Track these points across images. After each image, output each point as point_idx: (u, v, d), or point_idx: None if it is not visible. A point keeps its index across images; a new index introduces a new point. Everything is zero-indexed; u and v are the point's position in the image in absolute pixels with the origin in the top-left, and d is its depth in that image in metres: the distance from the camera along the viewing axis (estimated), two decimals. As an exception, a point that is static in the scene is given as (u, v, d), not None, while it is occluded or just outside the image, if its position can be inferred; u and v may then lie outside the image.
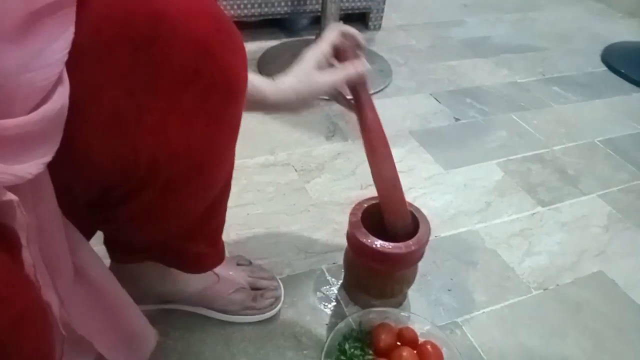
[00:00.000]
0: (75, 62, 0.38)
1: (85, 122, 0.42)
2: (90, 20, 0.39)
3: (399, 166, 0.70)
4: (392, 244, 0.67)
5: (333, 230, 0.92)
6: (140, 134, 0.46)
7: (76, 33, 0.37)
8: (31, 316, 0.35)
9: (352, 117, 0.69)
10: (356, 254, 0.71)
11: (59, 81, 0.37)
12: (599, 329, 0.79)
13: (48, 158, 0.36)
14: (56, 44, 0.36)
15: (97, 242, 0.59)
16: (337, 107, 1.27)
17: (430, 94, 1.39)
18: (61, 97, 0.37)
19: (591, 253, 0.94)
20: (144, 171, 0.48)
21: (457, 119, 1.30)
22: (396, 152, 0.69)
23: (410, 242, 0.68)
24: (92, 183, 0.51)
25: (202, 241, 0.64)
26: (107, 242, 0.66)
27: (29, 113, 0.34)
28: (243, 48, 0.49)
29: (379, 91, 1.37)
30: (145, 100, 0.44)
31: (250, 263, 0.80)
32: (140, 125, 0.45)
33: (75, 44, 0.37)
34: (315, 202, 0.98)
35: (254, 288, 0.75)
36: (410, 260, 0.70)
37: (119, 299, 0.54)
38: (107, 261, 0.67)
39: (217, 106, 0.49)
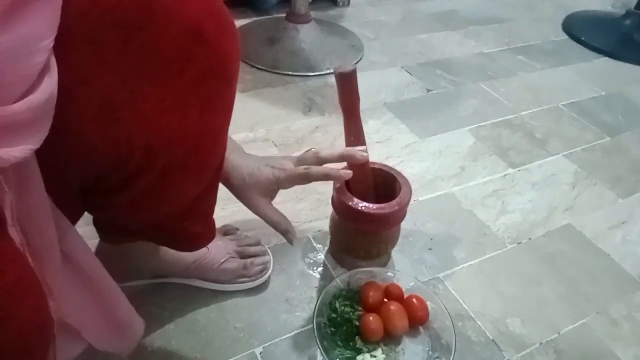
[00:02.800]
0: (63, 47, 0.37)
1: (77, 109, 0.42)
2: (77, 4, 0.38)
3: (376, 137, 0.74)
4: (375, 205, 0.70)
5: (316, 200, 0.94)
6: (135, 122, 0.45)
7: (62, 17, 0.36)
8: (25, 287, 0.36)
9: (328, 92, 0.69)
10: (342, 217, 0.74)
11: (46, 69, 0.36)
12: (571, 275, 0.85)
13: (35, 146, 0.36)
14: (41, 30, 0.35)
15: (85, 223, 0.60)
16: (312, 83, 1.30)
17: (402, 67, 1.42)
18: (49, 86, 0.36)
19: (560, 208, 0.99)
20: (140, 158, 0.48)
21: (429, 90, 1.33)
22: (373, 124, 0.72)
23: (393, 202, 0.71)
24: (88, 170, 0.50)
25: (196, 221, 0.65)
26: (98, 224, 0.66)
27: (14, 102, 0.33)
28: (236, 31, 0.49)
29: (352, 66, 1.40)
30: (139, 88, 0.43)
31: (237, 230, 0.82)
32: (135, 113, 0.45)
33: (61, 28, 0.36)
34: (297, 175, 1.00)
35: (243, 256, 0.77)
36: (393, 220, 0.74)
37: (107, 286, 0.53)
38: (95, 241, 0.68)
39: (212, 92, 0.48)
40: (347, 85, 0.66)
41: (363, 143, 0.72)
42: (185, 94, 0.46)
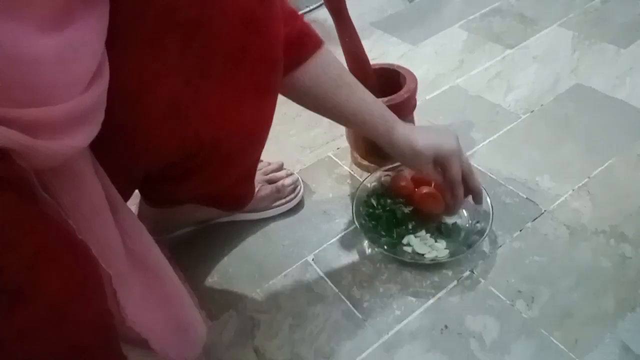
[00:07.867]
0: (123, 52, 0.36)
1: (145, 113, 0.43)
2: (132, 7, 0.37)
3: (370, 55, 0.76)
4: (386, 98, 0.72)
5: (328, 123, 0.95)
6: (201, 119, 0.47)
7: (118, 20, 0.35)
8: (51, 255, 0.34)
9: (314, 27, 0.69)
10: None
11: (97, 74, 0.35)
12: (589, 127, 0.86)
13: (79, 144, 0.35)
14: (89, 34, 0.34)
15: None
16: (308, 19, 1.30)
17: (379, -14, 1.41)
18: (96, 91, 0.35)
19: (565, 72, 1.00)
20: (207, 150, 0.51)
21: (410, 1, 1.32)
22: (364, 45, 0.74)
23: (401, 92, 0.73)
24: (155, 164, 0.52)
25: (242, 185, 0.69)
26: (147, 195, 0.68)
27: (64, 102, 0.33)
28: (280, 13, 0.49)
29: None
30: (203, 87, 0.44)
31: (259, 162, 0.85)
32: (200, 112, 0.46)
33: (118, 31, 0.35)
34: (304, 106, 1.02)
35: (272, 182, 0.79)
36: (407, 108, 0.75)
37: (173, 286, 0.51)
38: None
39: (264, 77, 0.49)
40: None
41: (358, 42, 0.73)
42: (242, 84, 0.47)
